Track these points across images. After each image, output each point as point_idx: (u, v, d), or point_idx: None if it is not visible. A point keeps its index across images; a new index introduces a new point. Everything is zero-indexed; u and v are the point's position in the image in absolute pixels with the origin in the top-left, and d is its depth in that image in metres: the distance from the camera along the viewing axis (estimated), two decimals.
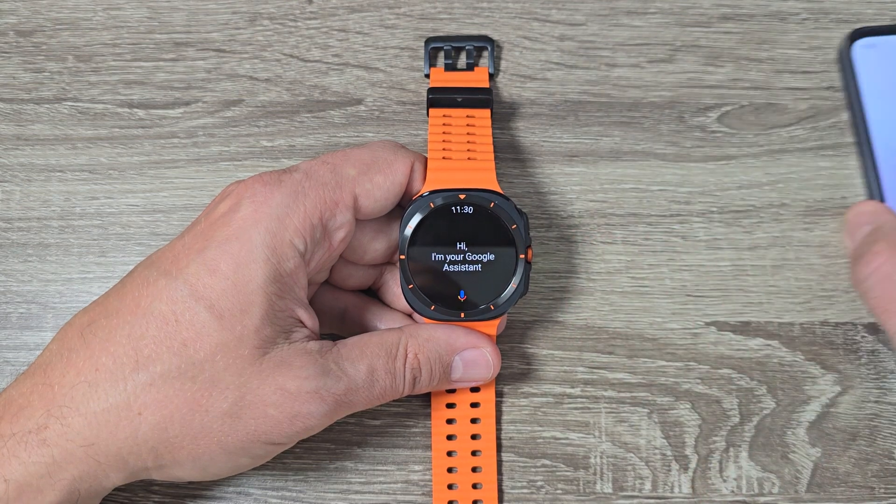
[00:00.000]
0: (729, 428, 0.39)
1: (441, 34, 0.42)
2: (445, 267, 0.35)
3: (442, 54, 0.42)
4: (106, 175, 0.41)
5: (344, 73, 0.42)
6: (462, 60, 0.42)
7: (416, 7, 0.43)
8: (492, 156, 0.37)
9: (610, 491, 0.38)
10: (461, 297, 0.35)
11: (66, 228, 0.41)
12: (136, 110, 0.42)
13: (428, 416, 0.39)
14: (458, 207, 0.35)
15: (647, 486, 0.38)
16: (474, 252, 0.35)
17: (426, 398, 0.39)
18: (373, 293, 0.39)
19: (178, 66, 0.42)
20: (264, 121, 0.42)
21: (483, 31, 0.43)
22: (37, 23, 0.43)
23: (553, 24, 0.43)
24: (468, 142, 0.37)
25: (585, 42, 0.43)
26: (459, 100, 0.39)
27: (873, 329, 0.40)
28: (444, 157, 0.36)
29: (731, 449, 0.39)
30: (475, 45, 0.42)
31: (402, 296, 0.35)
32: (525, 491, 0.38)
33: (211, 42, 0.43)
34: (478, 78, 0.41)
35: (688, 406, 0.39)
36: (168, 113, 0.42)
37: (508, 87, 0.42)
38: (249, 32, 0.43)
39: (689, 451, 0.39)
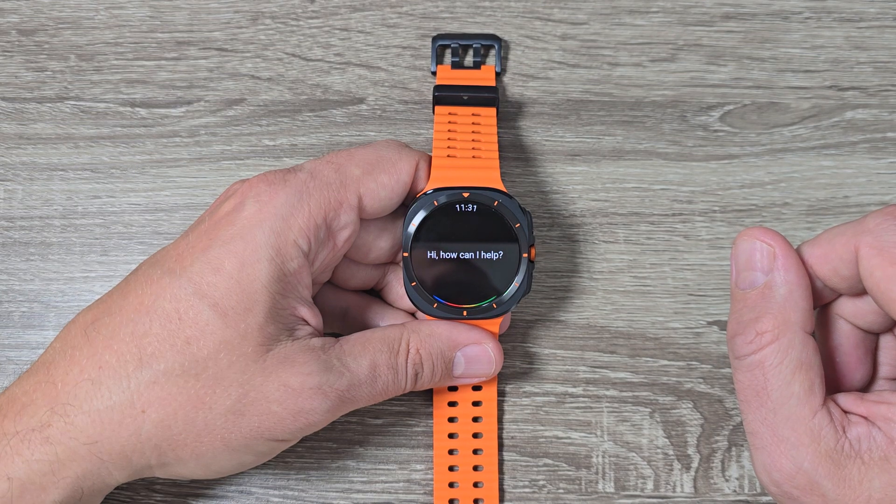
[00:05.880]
0: (731, 427, 0.39)
1: (448, 32, 0.42)
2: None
3: (449, 52, 0.42)
4: (108, 174, 0.41)
5: (346, 72, 0.42)
6: (469, 58, 0.42)
7: (418, 6, 0.43)
8: (496, 154, 0.36)
9: (612, 490, 0.38)
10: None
11: (69, 227, 0.41)
12: (138, 109, 0.42)
13: (430, 414, 0.39)
14: (462, 205, 0.35)
15: (650, 485, 0.38)
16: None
17: (428, 397, 0.39)
18: (375, 294, 0.39)
19: (180, 65, 0.42)
20: (266, 120, 0.42)
21: (485, 30, 0.43)
22: (39, 22, 0.43)
23: (555, 23, 0.43)
24: (473, 140, 0.37)
25: (587, 41, 0.43)
26: (465, 98, 0.39)
27: None
28: (448, 156, 0.36)
29: (734, 448, 0.39)
30: (482, 43, 0.42)
31: (405, 295, 0.35)
32: (527, 490, 0.38)
33: (213, 41, 0.43)
34: (484, 76, 0.41)
35: (690, 405, 0.39)
36: (170, 112, 0.42)
37: (511, 87, 0.42)
38: (251, 31, 0.43)
39: (691, 451, 0.39)
